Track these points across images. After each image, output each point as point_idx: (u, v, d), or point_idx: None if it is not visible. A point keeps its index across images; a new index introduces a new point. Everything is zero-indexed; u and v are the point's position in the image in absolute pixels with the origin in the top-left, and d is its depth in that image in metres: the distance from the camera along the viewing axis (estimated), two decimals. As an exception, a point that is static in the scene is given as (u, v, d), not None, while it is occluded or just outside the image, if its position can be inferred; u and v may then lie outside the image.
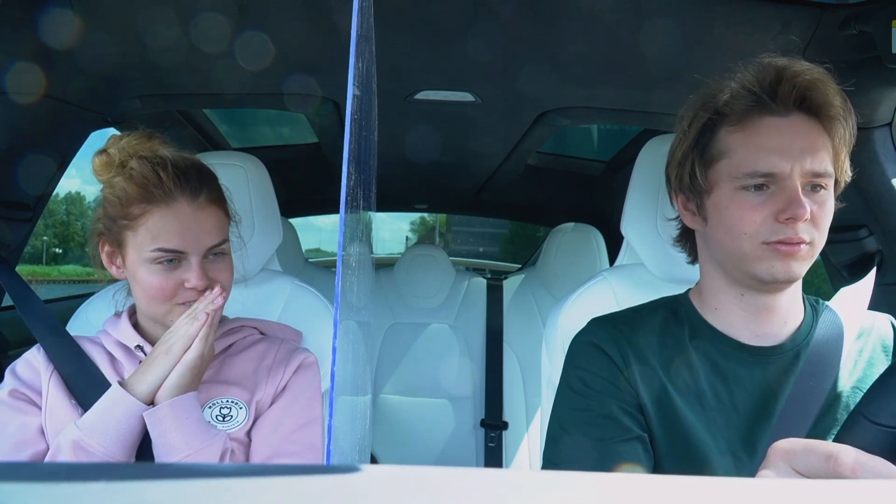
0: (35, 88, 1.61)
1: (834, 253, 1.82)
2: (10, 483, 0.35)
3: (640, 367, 1.17)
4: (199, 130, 2.71)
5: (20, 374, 1.33)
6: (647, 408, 1.15)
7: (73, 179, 75.98)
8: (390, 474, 0.38)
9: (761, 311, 1.17)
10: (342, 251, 0.47)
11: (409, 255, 3.35)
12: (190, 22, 1.54)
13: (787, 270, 1.08)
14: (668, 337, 1.21)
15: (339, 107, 2.18)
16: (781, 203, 1.07)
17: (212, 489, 0.36)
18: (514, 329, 3.14)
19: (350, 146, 0.46)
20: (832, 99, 1.11)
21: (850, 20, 1.38)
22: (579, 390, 1.19)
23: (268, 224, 1.73)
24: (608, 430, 1.13)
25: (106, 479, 0.36)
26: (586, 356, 1.22)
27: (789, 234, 1.06)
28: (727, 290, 1.19)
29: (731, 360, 1.16)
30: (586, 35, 1.61)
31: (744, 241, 1.10)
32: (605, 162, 3.26)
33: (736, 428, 1.12)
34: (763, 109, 1.11)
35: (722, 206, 1.13)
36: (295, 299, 1.71)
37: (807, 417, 1.08)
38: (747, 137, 1.11)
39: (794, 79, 1.10)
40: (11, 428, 1.26)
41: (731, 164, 1.12)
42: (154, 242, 1.25)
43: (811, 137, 1.10)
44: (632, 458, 1.11)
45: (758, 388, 1.14)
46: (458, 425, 3.03)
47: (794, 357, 1.16)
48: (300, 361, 1.43)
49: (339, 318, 0.46)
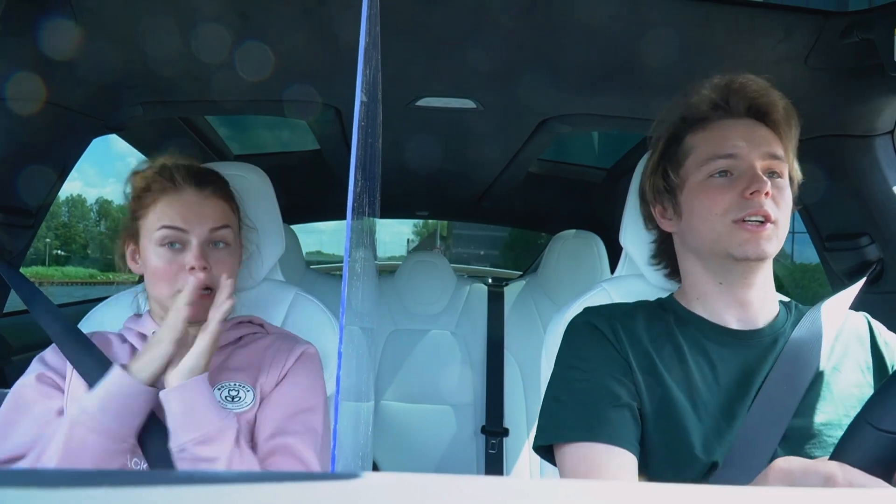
0: (37, 95, 1.62)
1: (835, 260, 1.82)
2: (11, 489, 0.35)
3: (631, 343, 1.26)
4: (202, 137, 2.71)
5: (48, 361, 1.39)
6: (637, 379, 1.21)
7: (74, 182, 77.00)
8: (392, 482, 0.38)
9: (739, 297, 1.28)
10: (349, 257, 0.47)
11: (411, 261, 3.35)
12: (192, 30, 1.54)
13: (757, 248, 1.19)
14: (656, 322, 1.31)
15: (342, 114, 2.18)
16: (745, 182, 1.21)
17: (213, 495, 0.36)
18: (515, 336, 3.14)
19: (357, 153, 0.46)
20: (777, 103, 1.29)
21: (853, 28, 1.39)
22: (574, 365, 1.26)
23: (270, 234, 1.73)
24: (601, 397, 1.19)
25: (107, 484, 0.36)
26: (581, 334, 1.31)
27: (756, 207, 1.19)
28: (707, 279, 1.30)
29: (714, 342, 1.26)
30: (588, 43, 1.61)
31: (716, 222, 1.23)
32: (607, 169, 3.26)
33: (717, 400, 1.19)
34: (720, 115, 1.31)
35: (693, 196, 1.28)
36: (297, 309, 1.72)
37: (793, 397, 1.17)
38: (709, 134, 1.30)
39: (741, 90, 1.29)
40: (36, 410, 1.32)
41: (697, 157, 1.29)
42: (159, 221, 1.38)
43: (763, 131, 1.28)
44: (621, 423, 1.16)
45: (739, 367, 1.23)
46: (458, 432, 3.02)
47: (772, 342, 1.26)
48: (302, 351, 1.48)
49: (345, 323, 0.47)
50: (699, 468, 1.13)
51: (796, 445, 1.14)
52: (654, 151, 1.40)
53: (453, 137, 2.57)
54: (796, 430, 1.15)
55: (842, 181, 1.73)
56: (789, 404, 1.16)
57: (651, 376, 1.21)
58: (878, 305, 1.40)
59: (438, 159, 2.93)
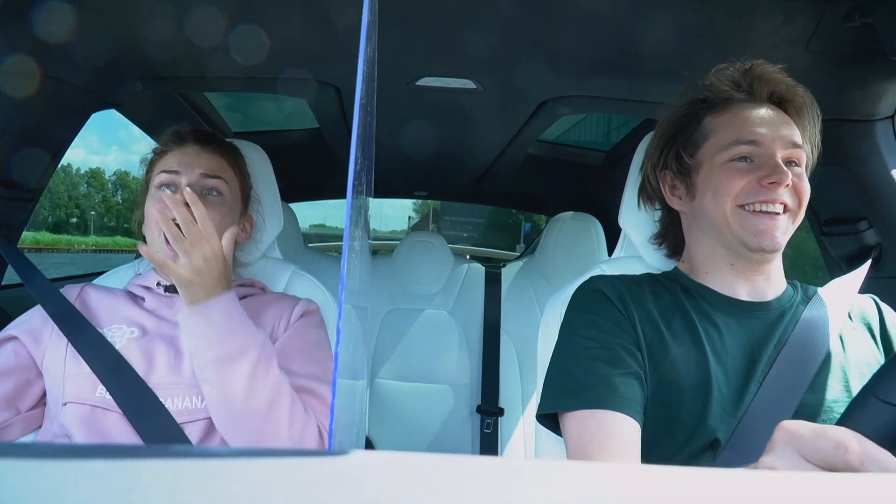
0: (36, 70, 1.61)
1: (834, 245, 1.82)
2: (6, 460, 0.35)
3: (639, 312, 1.26)
4: (201, 114, 2.70)
5: (21, 320, 1.45)
6: (643, 348, 1.22)
7: (95, 155, 78.59)
8: (385, 460, 0.38)
9: (749, 276, 1.29)
10: (349, 234, 0.46)
11: (409, 241, 3.35)
12: (192, 5, 1.53)
13: (773, 241, 1.21)
14: (664, 294, 1.32)
15: (341, 93, 2.17)
16: (766, 170, 1.22)
17: (206, 469, 0.36)
18: (511, 317, 3.15)
19: (358, 132, 0.46)
20: (796, 91, 1.30)
21: (854, 12, 1.38)
22: (580, 331, 1.26)
23: (269, 211, 1.74)
24: (608, 363, 1.19)
25: (105, 458, 0.36)
26: (589, 301, 1.31)
27: (770, 195, 1.21)
28: (718, 259, 1.31)
29: (722, 311, 1.27)
30: (588, 25, 1.60)
31: (727, 204, 1.24)
32: (605, 152, 3.25)
33: (726, 371, 1.20)
34: (742, 99, 1.30)
35: (711, 177, 1.28)
36: (293, 286, 1.72)
37: (804, 375, 1.18)
38: (730, 118, 1.29)
39: (764, 75, 1.30)
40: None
41: (718, 141, 1.29)
42: (159, 168, 1.49)
43: (784, 118, 1.29)
44: (629, 390, 1.16)
45: (745, 337, 1.24)
46: (454, 411, 3.03)
47: (779, 315, 1.27)
48: (305, 308, 1.53)
49: (343, 300, 0.47)
50: (703, 441, 1.13)
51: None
52: (666, 129, 1.40)
53: (452, 118, 2.57)
54: (807, 406, 1.15)
55: (841, 166, 1.72)
56: (800, 382, 1.17)
57: (659, 346, 1.21)
58: (875, 290, 1.40)
59: (438, 140, 2.93)
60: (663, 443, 1.16)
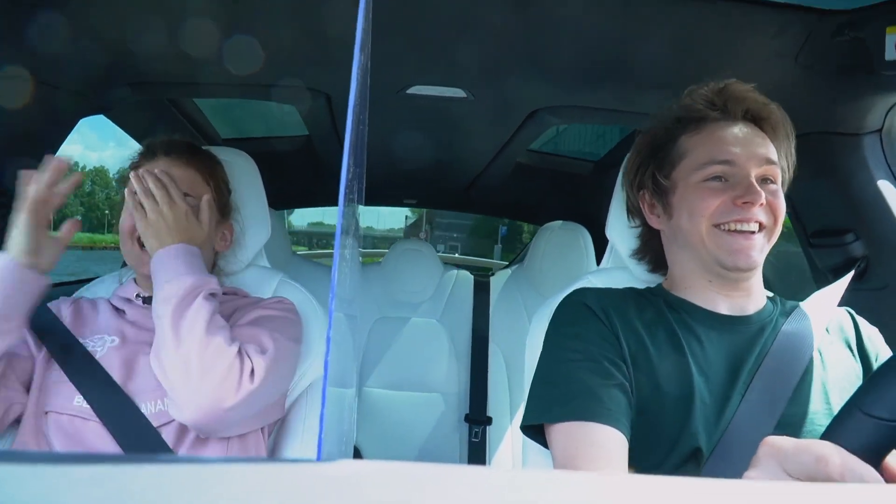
0: (24, 74, 1.60)
1: (820, 257, 1.83)
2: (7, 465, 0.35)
3: (623, 325, 1.25)
4: (190, 121, 2.70)
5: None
6: (628, 360, 1.21)
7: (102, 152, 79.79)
8: (373, 470, 0.38)
9: (729, 292, 1.30)
10: (339, 242, 0.46)
11: (398, 249, 3.35)
12: (182, 10, 1.53)
13: (748, 259, 1.22)
14: (647, 308, 1.31)
15: (331, 100, 2.17)
16: (739, 190, 1.22)
17: (193, 477, 0.36)
18: (500, 325, 3.15)
19: (351, 139, 0.46)
20: (770, 108, 1.31)
21: (844, 27, 1.39)
22: (565, 344, 1.26)
23: (256, 219, 1.73)
24: (593, 375, 1.18)
25: (91, 464, 0.36)
26: (574, 313, 1.31)
27: (744, 214, 1.21)
28: (696, 276, 1.32)
29: (703, 325, 1.27)
30: (579, 36, 1.60)
31: (702, 224, 1.24)
32: (595, 162, 3.26)
33: (708, 384, 1.19)
34: (716, 118, 1.31)
35: (686, 198, 1.28)
36: (281, 294, 1.71)
37: (785, 388, 1.18)
38: (705, 137, 1.30)
39: (738, 94, 1.30)
40: None
41: (692, 160, 1.29)
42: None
43: (759, 136, 1.30)
44: (614, 403, 1.15)
45: (727, 349, 1.24)
46: (442, 420, 3.03)
47: (760, 329, 1.27)
48: (279, 298, 1.59)
49: (333, 308, 0.46)
50: (685, 451, 1.13)
51: (788, 434, 1.15)
52: (643, 149, 1.41)
53: (443, 127, 2.57)
54: (789, 417, 1.15)
55: (829, 178, 1.73)
56: (781, 394, 1.17)
57: (643, 357, 1.21)
58: (861, 302, 1.41)
59: (428, 148, 2.93)
60: (646, 452, 1.15)
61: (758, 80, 1.32)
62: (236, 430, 1.37)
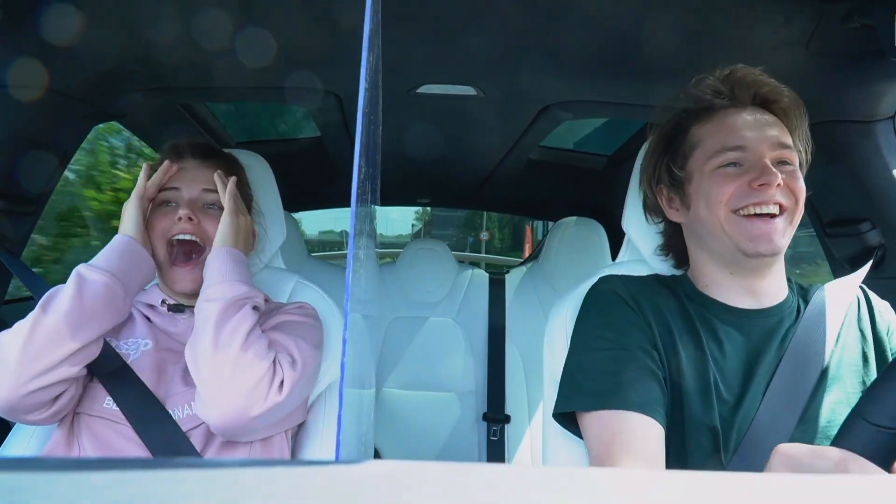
0: (37, 82, 1.61)
1: (837, 246, 1.82)
2: (12, 473, 0.35)
3: (653, 313, 1.26)
4: (202, 125, 2.70)
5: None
6: (660, 348, 1.22)
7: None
8: (393, 469, 0.38)
9: (751, 285, 1.29)
10: (353, 243, 0.46)
11: (412, 249, 3.35)
12: (192, 16, 1.53)
13: (770, 245, 1.20)
14: (669, 294, 1.32)
15: (342, 101, 2.17)
16: (754, 172, 1.21)
17: (215, 480, 0.36)
18: (516, 323, 3.14)
19: (361, 140, 0.46)
20: (781, 91, 1.30)
21: (854, 13, 1.38)
22: (597, 333, 1.26)
23: (271, 221, 1.74)
24: (627, 363, 1.19)
25: (112, 470, 0.36)
26: (605, 301, 1.31)
27: (763, 197, 1.20)
28: (718, 269, 1.31)
29: (720, 319, 1.27)
30: (589, 30, 1.60)
31: (720, 210, 1.23)
32: (608, 156, 3.25)
33: (723, 375, 1.20)
34: (725, 105, 1.31)
35: (703, 187, 1.28)
36: (297, 296, 1.72)
37: (807, 381, 1.18)
38: (715, 126, 1.30)
39: (745, 79, 1.30)
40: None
41: (705, 150, 1.29)
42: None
43: (770, 119, 1.29)
44: (649, 391, 1.16)
45: (745, 344, 1.24)
46: (460, 419, 3.03)
47: (778, 322, 1.27)
48: (301, 304, 1.60)
49: (349, 310, 0.46)
50: (700, 447, 1.14)
51: (811, 428, 1.15)
52: (657, 143, 1.42)
53: (454, 125, 2.56)
54: (810, 411, 1.16)
55: (843, 167, 1.72)
56: (803, 388, 1.17)
57: (671, 348, 1.22)
58: (879, 291, 1.40)
59: (439, 147, 2.92)
60: (666, 442, 1.16)
61: (769, 69, 1.32)
62: (258, 435, 1.38)
